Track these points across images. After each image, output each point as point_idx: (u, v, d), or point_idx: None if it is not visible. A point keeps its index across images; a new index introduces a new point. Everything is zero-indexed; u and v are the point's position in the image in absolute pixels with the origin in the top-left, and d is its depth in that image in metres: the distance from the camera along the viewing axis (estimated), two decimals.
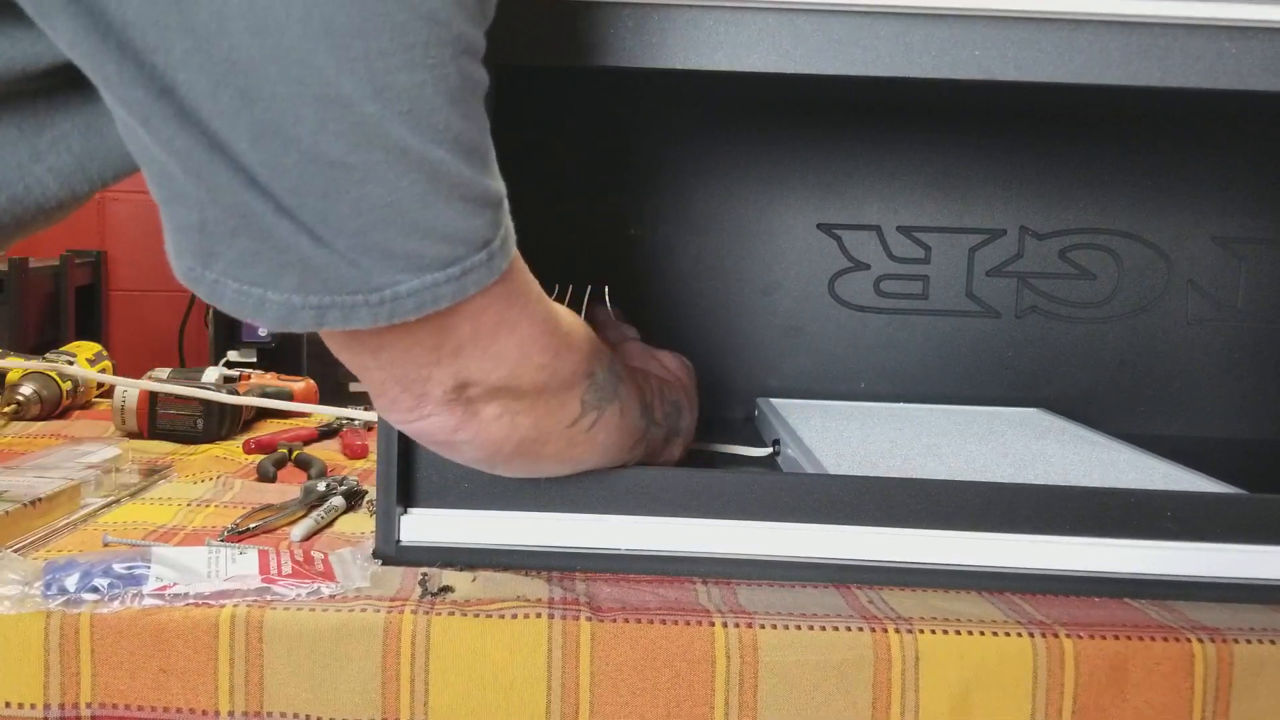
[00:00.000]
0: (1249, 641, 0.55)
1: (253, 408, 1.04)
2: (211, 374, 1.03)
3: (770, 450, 0.81)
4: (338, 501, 0.73)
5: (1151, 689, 0.55)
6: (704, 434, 0.84)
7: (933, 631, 0.55)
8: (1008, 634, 0.55)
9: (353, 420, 1.03)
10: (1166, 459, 0.75)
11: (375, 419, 0.64)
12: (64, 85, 0.49)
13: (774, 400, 0.93)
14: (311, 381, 1.12)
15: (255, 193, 0.41)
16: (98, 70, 0.41)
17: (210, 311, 2.17)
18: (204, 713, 0.54)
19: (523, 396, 0.53)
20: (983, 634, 0.55)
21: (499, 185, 0.47)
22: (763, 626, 0.55)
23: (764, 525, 0.62)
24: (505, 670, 0.54)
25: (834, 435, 0.79)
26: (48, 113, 0.50)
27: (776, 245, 0.96)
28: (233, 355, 2.13)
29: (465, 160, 0.44)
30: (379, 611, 0.55)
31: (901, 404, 0.95)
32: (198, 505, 0.74)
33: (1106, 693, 0.55)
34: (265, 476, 0.83)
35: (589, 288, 0.81)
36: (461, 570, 0.61)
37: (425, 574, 0.60)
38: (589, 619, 0.55)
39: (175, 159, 0.41)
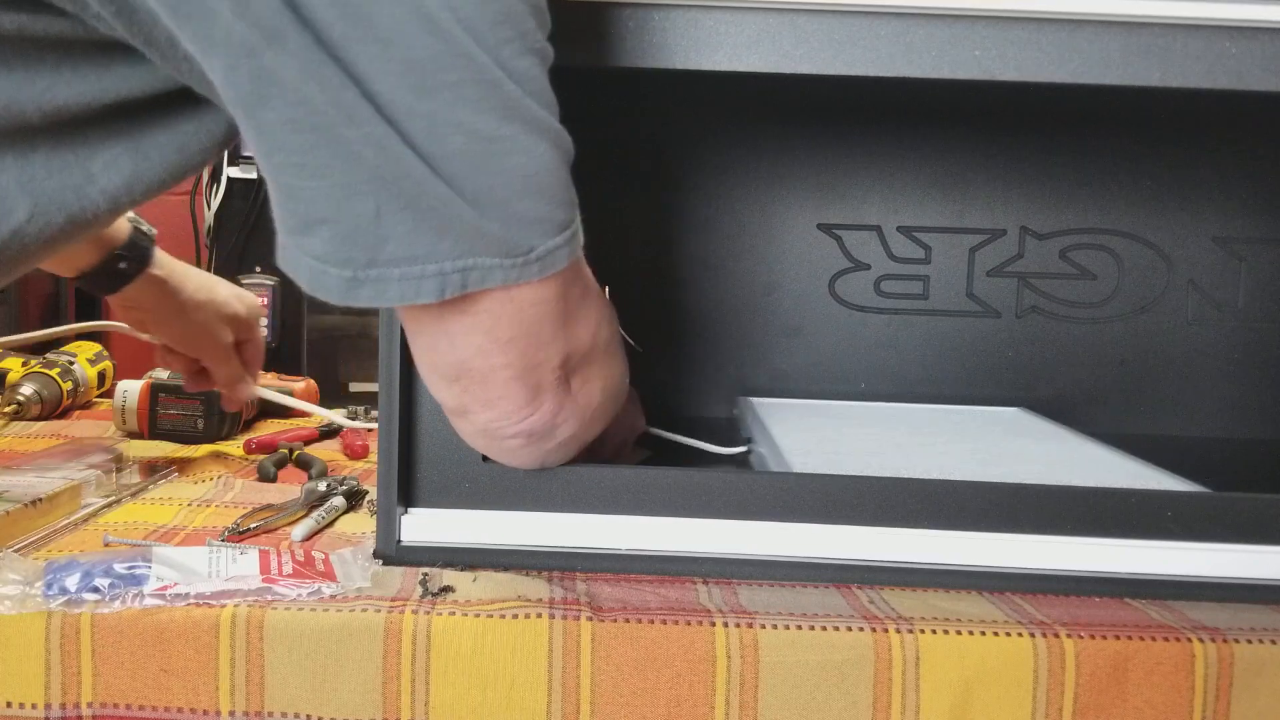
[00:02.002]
0: (1250, 642, 0.55)
1: (253, 408, 1.04)
2: None
3: (742, 449, 0.81)
4: (338, 501, 0.73)
5: (1152, 689, 0.55)
6: (686, 430, 0.85)
7: (933, 631, 0.55)
8: (1008, 634, 0.55)
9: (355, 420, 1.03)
10: (1136, 458, 0.74)
11: (375, 426, 0.63)
12: (116, 113, 0.54)
13: (753, 399, 0.93)
14: (312, 382, 1.12)
15: (427, 169, 0.46)
16: (289, 68, 0.44)
17: None
18: (205, 712, 0.54)
19: (593, 358, 0.58)
20: (983, 634, 0.55)
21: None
22: (763, 626, 0.55)
23: (765, 525, 0.62)
24: (506, 670, 0.54)
25: (806, 434, 0.79)
26: (100, 139, 0.54)
27: (777, 245, 0.96)
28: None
29: (565, 133, 0.50)
30: (380, 611, 0.55)
31: (880, 403, 0.95)
32: (198, 505, 0.74)
33: (1107, 693, 0.55)
34: (266, 476, 0.83)
35: None
36: (462, 570, 0.61)
37: (426, 574, 0.60)
38: (590, 619, 0.55)
39: (368, 151, 0.46)
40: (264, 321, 2.10)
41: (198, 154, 0.58)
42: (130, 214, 0.85)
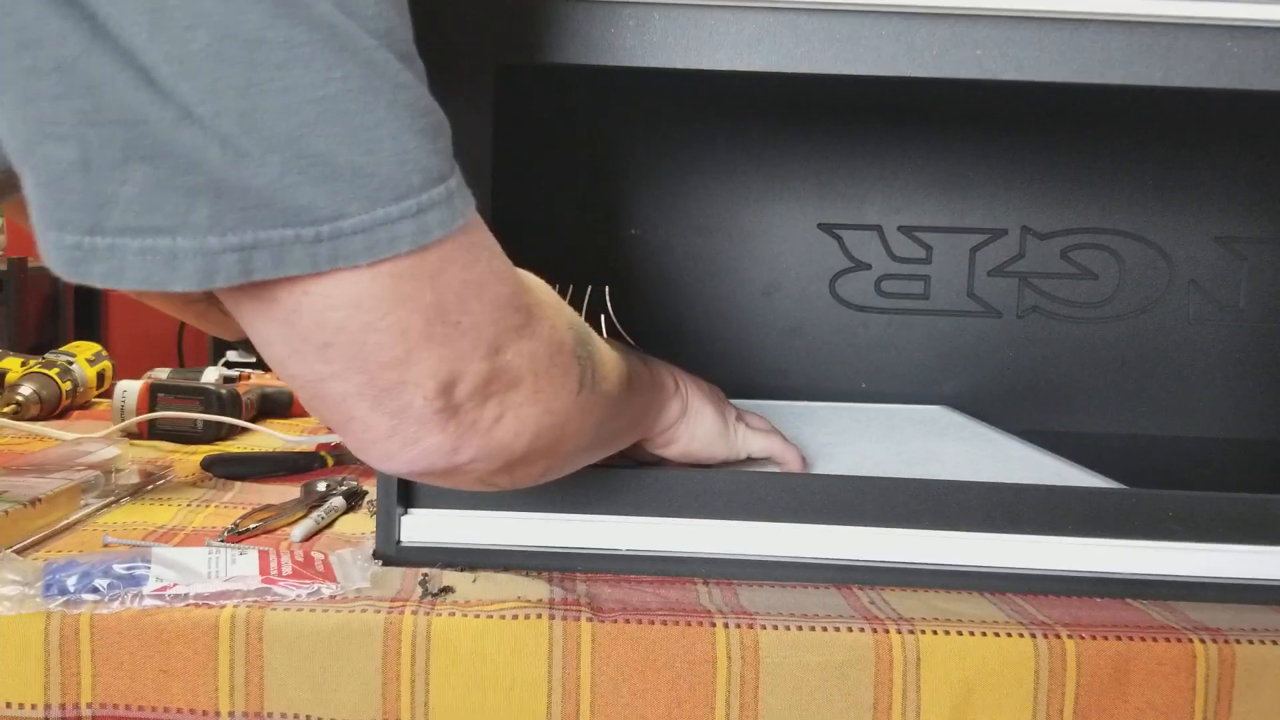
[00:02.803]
0: (1251, 642, 0.55)
1: (253, 408, 1.04)
2: (211, 374, 1.03)
3: None
4: (338, 502, 0.73)
5: (1153, 690, 0.55)
6: None
7: (934, 632, 0.55)
8: (1009, 635, 0.55)
9: None
10: (1060, 457, 0.73)
11: None
12: None
13: None
14: None
15: (153, 94, 0.34)
16: None
17: None
18: (204, 713, 0.54)
19: (519, 382, 0.44)
20: (984, 635, 0.55)
21: (441, 112, 0.40)
22: (764, 627, 0.55)
23: (765, 526, 0.62)
24: (506, 671, 0.54)
25: None
26: None
27: (777, 245, 0.96)
28: (232, 355, 2.12)
29: (404, 63, 0.37)
30: (379, 612, 0.55)
31: (808, 402, 0.94)
32: (197, 506, 0.74)
33: (1108, 693, 0.55)
34: None
35: (589, 288, 0.81)
36: (462, 571, 0.61)
37: (426, 574, 0.60)
38: (590, 620, 0.55)
39: (49, 70, 0.34)
40: None
41: None
42: None
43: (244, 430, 1.01)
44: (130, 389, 0.97)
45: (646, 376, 0.60)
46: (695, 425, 0.64)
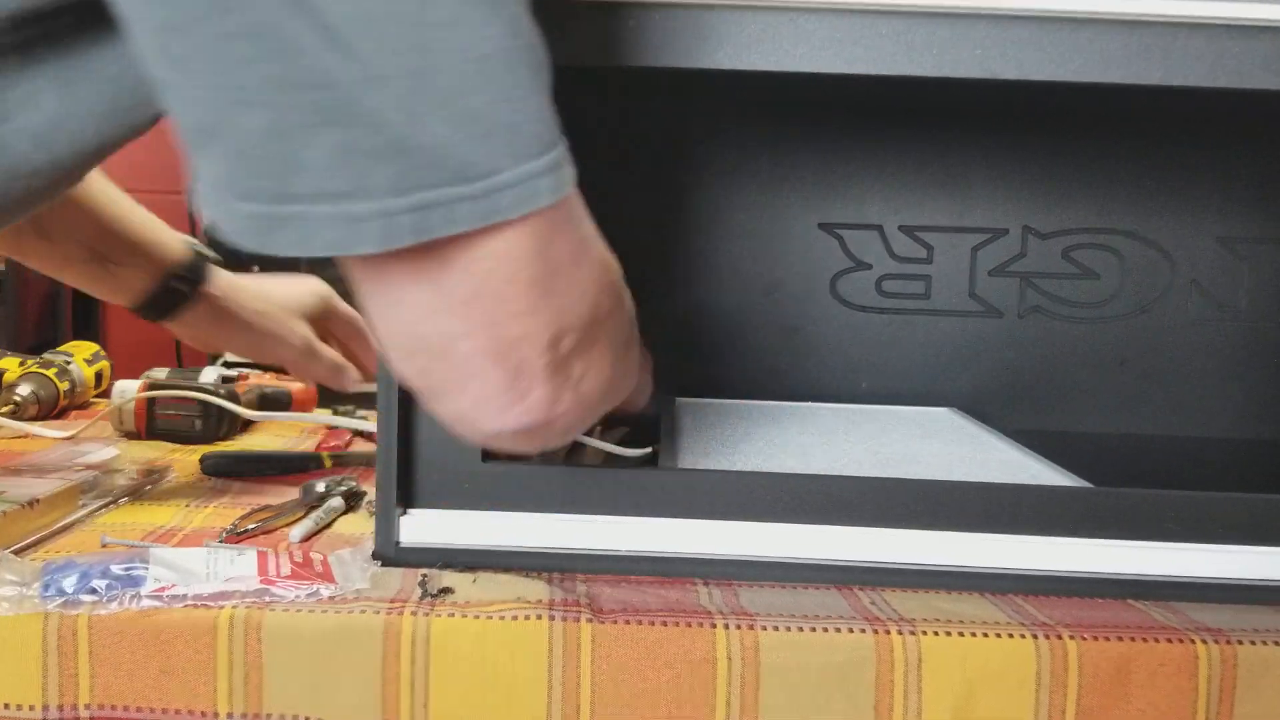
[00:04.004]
0: (1253, 643, 0.55)
1: (251, 408, 1.03)
2: (210, 374, 1.03)
3: (649, 450, 0.79)
4: (337, 502, 0.73)
5: (1155, 690, 0.55)
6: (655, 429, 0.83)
7: (935, 633, 0.55)
8: (1010, 635, 0.55)
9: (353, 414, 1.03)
10: (1054, 464, 0.72)
11: (375, 429, 0.63)
12: (37, 40, 0.45)
13: (680, 399, 0.92)
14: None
15: (339, 55, 0.35)
16: None
17: None
18: (203, 714, 0.54)
19: (600, 337, 0.46)
20: (985, 635, 0.55)
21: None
22: (764, 628, 0.54)
23: (765, 526, 0.62)
24: (506, 672, 0.54)
25: (713, 435, 0.78)
26: (18, 68, 0.45)
27: (777, 245, 0.96)
28: (230, 355, 2.12)
29: (530, 20, 0.40)
30: (379, 613, 0.54)
31: (808, 403, 0.94)
32: (196, 506, 0.74)
33: (1110, 694, 0.54)
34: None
35: None
36: (461, 571, 0.61)
37: (425, 575, 0.60)
38: (590, 620, 0.55)
39: (242, 34, 0.35)
40: None
41: (129, 103, 0.48)
42: (187, 238, 0.82)
43: (243, 430, 1.01)
44: (129, 389, 0.97)
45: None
46: (645, 374, 0.65)
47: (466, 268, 0.40)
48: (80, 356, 1.10)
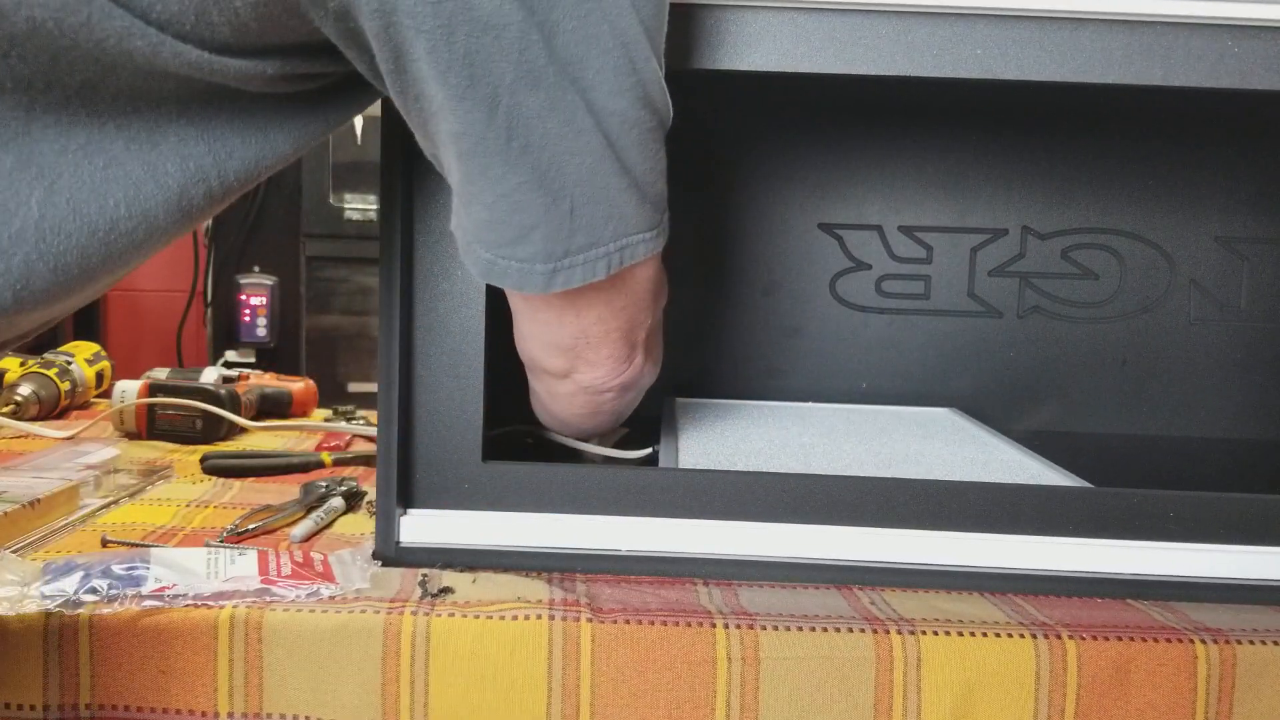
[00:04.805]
0: (1252, 643, 0.55)
1: (252, 408, 1.04)
2: (210, 374, 1.03)
3: (649, 450, 0.79)
4: (337, 503, 0.73)
5: (1154, 690, 0.55)
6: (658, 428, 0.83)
7: (935, 633, 0.55)
8: (1010, 635, 0.55)
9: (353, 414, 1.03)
10: (1054, 465, 0.72)
11: (375, 431, 0.63)
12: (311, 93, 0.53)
13: (679, 399, 0.93)
14: (311, 382, 1.12)
15: (611, 156, 0.51)
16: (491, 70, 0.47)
17: (209, 311, 2.16)
18: (203, 714, 0.54)
19: (660, 319, 0.65)
20: (985, 635, 0.55)
21: None
22: (764, 628, 0.55)
23: (765, 526, 0.62)
24: (505, 672, 0.54)
25: (713, 435, 0.78)
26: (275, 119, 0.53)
27: (777, 245, 0.96)
28: (231, 355, 2.13)
29: None
30: (379, 613, 0.54)
31: (808, 403, 0.94)
32: (196, 506, 0.74)
33: (1109, 694, 0.55)
34: None
35: None
36: (461, 571, 0.61)
37: (425, 575, 0.60)
38: (590, 620, 0.55)
39: (575, 160, 0.50)
40: (262, 321, 2.10)
41: (305, 142, 0.54)
42: None
43: (243, 430, 1.01)
44: (129, 389, 0.97)
45: None
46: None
47: (634, 284, 0.57)
48: (81, 356, 1.10)
